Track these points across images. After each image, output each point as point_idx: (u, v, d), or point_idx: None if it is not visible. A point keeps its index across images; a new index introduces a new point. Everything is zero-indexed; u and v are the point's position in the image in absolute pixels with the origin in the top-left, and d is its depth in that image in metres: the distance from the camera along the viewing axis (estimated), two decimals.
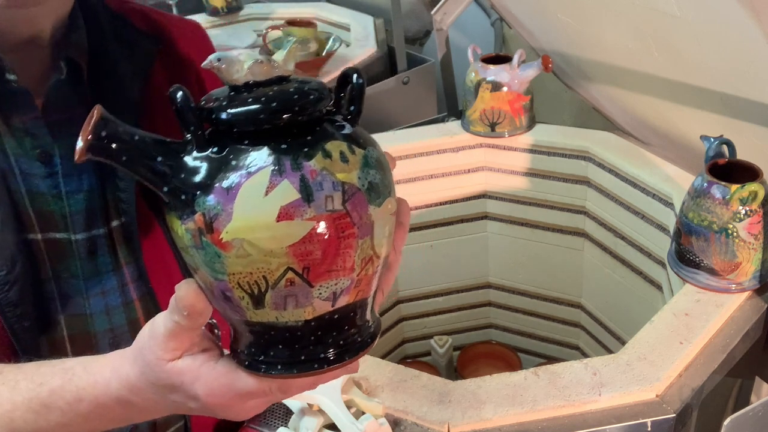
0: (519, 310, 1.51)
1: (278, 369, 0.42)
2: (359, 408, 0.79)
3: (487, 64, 1.29)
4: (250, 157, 0.38)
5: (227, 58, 0.41)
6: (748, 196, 0.87)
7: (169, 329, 0.44)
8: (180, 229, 0.40)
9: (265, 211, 0.37)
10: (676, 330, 0.86)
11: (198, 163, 0.39)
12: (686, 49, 0.95)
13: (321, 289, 0.40)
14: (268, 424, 0.80)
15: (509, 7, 1.42)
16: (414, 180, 1.38)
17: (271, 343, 0.42)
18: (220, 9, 2.13)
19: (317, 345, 0.42)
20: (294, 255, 0.38)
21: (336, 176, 0.39)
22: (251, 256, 0.38)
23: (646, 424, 0.76)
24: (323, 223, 0.38)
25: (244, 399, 0.46)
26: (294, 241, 0.38)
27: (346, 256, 0.39)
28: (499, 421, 0.78)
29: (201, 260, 0.39)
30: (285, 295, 0.39)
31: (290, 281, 0.39)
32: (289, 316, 0.40)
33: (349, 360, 0.43)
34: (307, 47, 1.64)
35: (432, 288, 1.51)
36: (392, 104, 1.68)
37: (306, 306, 0.40)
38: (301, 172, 0.38)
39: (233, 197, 0.37)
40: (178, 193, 0.39)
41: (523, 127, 1.32)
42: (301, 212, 0.37)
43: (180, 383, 0.45)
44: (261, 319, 0.40)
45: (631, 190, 1.18)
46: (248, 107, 0.39)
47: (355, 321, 0.43)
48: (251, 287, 0.39)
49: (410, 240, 1.44)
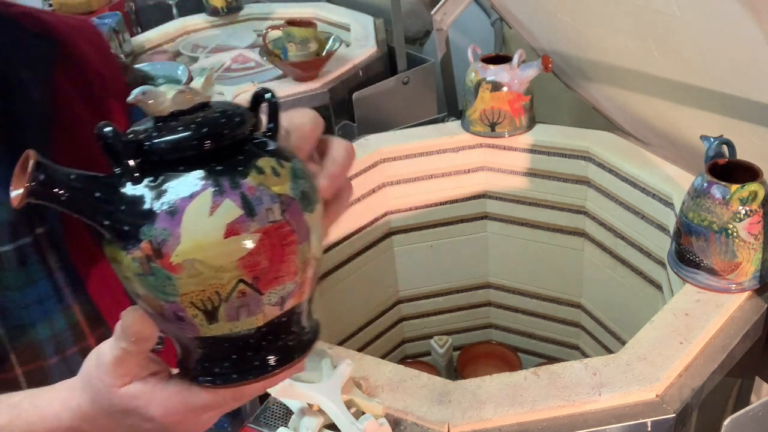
0: (519, 310, 1.51)
1: (233, 378, 0.44)
2: (359, 408, 0.79)
3: (487, 64, 1.29)
4: (187, 181, 0.40)
5: (151, 92, 0.42)
6: (748, 196, 0.87)
7: (116, 356, 0.45)
8: (125, 260, 0.41)
9: (212, 229, 0.39)
10: (676, 330, 0.86)
11: (137, 193, 0.41)
12: (686, 49, 0.95)
13: (270, 296, 0.42)
14: (268, 424, 0.80)
15: (509, 7, 1.42)
16: (414, 180, 1.38)
17: (224, 355, 0.44)
18: (220, 9, 2.13)
19: (269, 349, 0.44)
20: (244, 267, 0.40)
21: (272, 189, 0.41)
22: (203, 274, 0.40)
23: (646, 424, 0.76)
24: (267, 234, 0.40)
25: (199, 413, 0.47)
26: (243, 254, 0.40)
27: (290, 262, 0.42)
28: (499, 421, 0.78)
29: (150, 285, 0.41)
30: (238, 306, 0.41)
31: (242, 292, 0.41)
32: (242, 326, 0.42)
33: (298, 359, 0.45)
34: (307, 47, 1.64)
35: (432, 288, 1.51)
36: (392, 104, 1.68)
37: (258, 313, 0.42)
38: (240, 189, 0.40)
39: (179, 221, 0.39)
40: (120, 225, 0.41)
41: (523, 127, 1.32)
42: (246, 227, 0.40)
43: (134, 407, 0.46)
44: (215, 333, 0.42)
45: (631, 190, 1.18)
46: (180, 135, 0.41)
47: (300, 321, 0.46)
48: (204, 304, 0.40)
49: (410, 240, 1.44)
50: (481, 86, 1.29)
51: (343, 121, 1.65)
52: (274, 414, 0.81)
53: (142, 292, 0.42)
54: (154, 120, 0.43)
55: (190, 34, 2.13)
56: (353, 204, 1.33)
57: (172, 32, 2.09)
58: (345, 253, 1.36)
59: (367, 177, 1.34)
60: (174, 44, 2.07)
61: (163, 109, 0.42)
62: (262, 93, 0.46)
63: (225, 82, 1.76)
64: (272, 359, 0.44)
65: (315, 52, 1.65)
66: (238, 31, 2.13)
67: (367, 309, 1.46)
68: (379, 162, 1.35)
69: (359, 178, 1.32)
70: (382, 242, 1.42)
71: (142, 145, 0.41)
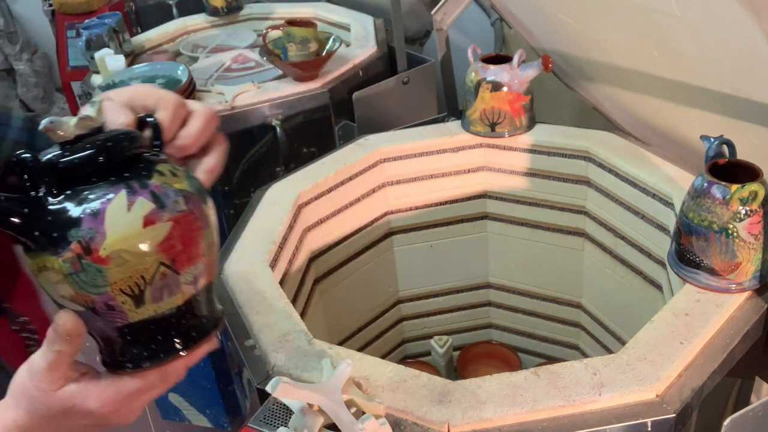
0: (519, 310, 1.51)
1: (160, 358, 0.50)
2: (359, 408, 0.79)
3: (487, 64, 1.29)
4: (103, 188, 0.48)
5: (58, 121, 0.49)
6: (748, 196, 0.87)
7: (50, 361, 0.49)
8: (56, 263, 0.47)
9: (132, 223, 0.47)
10: (676, 330, 0.86)
11: (60, 205, 0.47)
12: (686, 49, 0.95)
13: (186, 275, 0.49)
14: (268, 424, 0.80)
15: (509, 7, 1.42)
16: (414, 180, 1.38)
17: (150, 337, 0.50)
18: (220, 9, 2.13)
19: (188, 327, 0.51)
20: (162, 251, 0.48)
21: (174, 186, 0.50)
22: (129, 262, 0.46)
23: (646, 424, 0.76)
24: (177, 222, 0.48)
25: (132, 400, 0.51)
26: (160, 240, 0.47)
27: (199, 245, 0.50)
28: (499, 421, 0.78)
29: (82, 282, 0.47)
30: (161, 287, 0.48)
31: (163, 274, 0.48)
32: (165, 306, 0.49)
33: (214, 332, 0.53)
34: (307, 47, 1.64)
35: (432, 288, 1.51)
36: (392, 104, 1.68)
37: (177, 293, 0.49)
38: (149, 188, 0.48)
39: (102, 220, 0.46)
40: (50, 233, 0.47)
41: (523, 127, 1.32)
42: (159, 216, 0.48)
43: (72, 406, 0.50)
44: (142, 316, 0.49)
45: (631, 190, 1.19)
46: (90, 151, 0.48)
47: (211, 301, 0.54)
48: (132, 289, 0.47)
49: (410, 240, 1.44)
50: (481, 86, 1.29)
51: (343, 121, 1.65)
52: (274, 414, 0.81)
53: (72, 292, 0.48)
54: (60, 146, 0.50)
55: (190, 34, 2.13)
56: (353, 204, 1.33)
57: (172, 32, 2.09)
58: (345, 253, 1.36)
59: (367, 177, 1.34)
60: (174, 44, 2.08)
61: (69, 134, 0.49)
62: (145, 118, 0.55)
63: (225, 82, 1.76)
64: (194, 335, 0.51)
65: (315, 52, 1.65)
66: (238, 31, 2.13)
67: (367, 309, 1.46)
68: (379, 162, 1.35)
69: (359, 178, 1.32)
70: (382, 242, 1.43)
71: (58, 164, 0.48)
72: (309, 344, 0.90)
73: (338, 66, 1.68)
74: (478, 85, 1.29)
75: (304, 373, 0.85)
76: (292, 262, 1.19)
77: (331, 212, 1.30)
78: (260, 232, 1.14)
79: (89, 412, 0.50)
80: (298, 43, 1.63)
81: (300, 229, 1.23)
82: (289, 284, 1.16)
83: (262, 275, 1.04)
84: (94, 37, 1.77)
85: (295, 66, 1.61)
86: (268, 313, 0.96)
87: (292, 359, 0.88)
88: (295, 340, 0.91)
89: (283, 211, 1.18)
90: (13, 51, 3.56)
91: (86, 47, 1.78)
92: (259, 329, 0.93)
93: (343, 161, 1.31)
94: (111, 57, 1.67)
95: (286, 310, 0.96)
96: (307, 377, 0.85)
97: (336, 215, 1.31)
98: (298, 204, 1.22)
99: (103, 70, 1.67)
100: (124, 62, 1.67)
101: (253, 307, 0.97)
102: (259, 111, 1.59)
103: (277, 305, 0.97)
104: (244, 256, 1.08)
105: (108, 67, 1.66)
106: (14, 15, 3.53)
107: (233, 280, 1.03)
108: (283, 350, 0.89)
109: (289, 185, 1.25)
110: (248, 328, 0.94)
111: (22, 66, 3.56)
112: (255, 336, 0.93)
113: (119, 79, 1.61)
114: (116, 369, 0.51)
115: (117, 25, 1.80)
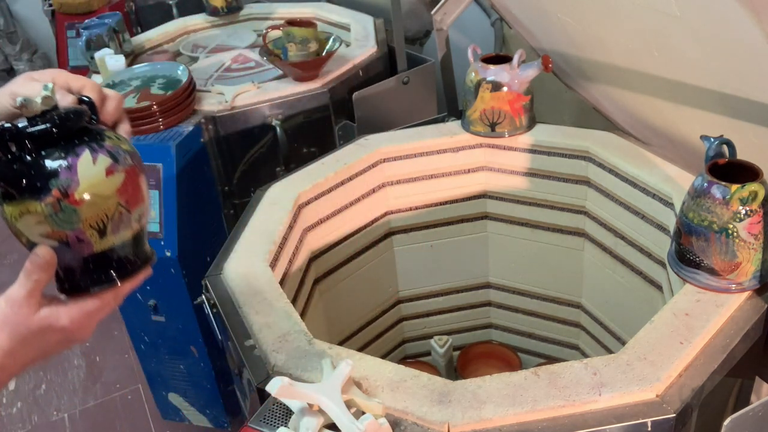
0: (519, 310, 1.51)
1: (116, 280, 0.65)
2: (359, 408, 0.79)
3: (487, 64, 1.29)
4: (71, 149, 0.62)
5: (28, 100, 0.62)
6: (748, 196, 0.87)
7: (29, 290, 0.61)
8: (39, 207, 0.60)
9: (97, 173, 0.62)
10: (676, 330, 0.86)
11: (40, 162, 0.61)
12: (686, 49, 0.95)
13: (135, 214, 0.65)
14: (268, 424, 0.80)
15: (509, 7, 1.42)
16: (414, 180, 1.38)
17: (108, 264, 0.65)
18: (220, 9, 2.13)
19: (135, 254, 0.66)
20: (120, 195, 0.63)
21: (122, 147, 0.65)
22: (96, 203, 0.61)
23: (646, 424, 0.76)
24: (128, 173, 0.64)
25: (93, 316, 0.64)
26: (118, 186, 0.63)
27: (142, 191, 0.66)
28: (499, 421, 0.78)
29: (60, 221, 0.61)
30: (118, 222, 0.63)
31: (120, 212, 0.63)
32: (121, 238, 0.64)
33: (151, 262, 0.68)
34: (307, 47, 1.64)
35: (432, 288, 1.51)
36: (392, 104, 1.68)
37: (129, 228, 0.65)
38: (105, 148, 0.63)
39: (75, 171, 0.61)
40: (33, 184, 0.60)
41: (523, 127, 1.32)
42: (116, 169, 0.63)
43: (48, 324, 0.62)
44: (104, 246, 0.63)
45: (631, 190, 1.19)
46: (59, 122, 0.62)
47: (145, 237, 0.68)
48: (98, 224, 0.62)
49: (410, 240, 1.44)
50: (481, 86, 1.29)
51: (343, 121, 1.65)
52: (274, 414, 0.81)
53: (50, 230, 0.61)
54: (29, 120, 0.62)
55: (190, 34, 2.13)
56: (353, 204, 1.33)
57: (172, 32, 2.09)
58: (345, 253, 1.36)
59: (367, 177, 1.34)
60: (174, 44, 2.08)
61: (38, 110, 0.62)
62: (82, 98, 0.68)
63: (225, 82, 1.76)
64: (137, 263, 0.67)
65: (315, 52, 1.65)
66: (238, 31, 2.13)
67: (367, 309, 1.46)
68: (379, 162, 1.35)
69: (359, 178, 1.33)
70: (382, 242, 1.43)
71: (36, 132, 0.61)
72: (309, 344, 0.90)
73: (338, 66, 1.68)
74: (478, 85, 1.29)
75: (304, 373, 0.85)
76: (292, 262, 1.19)
77: (331, 212, 1.30)
78: (260, 232, 1.14)
79: (62, 328, 0.62)
80: (298, 43, 1.63)
81: (300, 229, 1.23)
82: (289, 284, 1.16)
83: (262, 275, 1.04)
84: (94, 37, 1.77)
85: (295, 66, 1.61)
86: (268, 313, 0.96)
87: (292, 359, 0.88)
88: (295, 340, 0.91)
89: (283, 211, 1.18)
90: (13, 51, 3.56)
91: (86, 47, 1.78)
92: (259, 329, 0.93)
93: (343, 161, 1.31)
94: (111, 57, 1.67)
95: (286, 310, 0.96)
96: (307, 377, 0.85)
97: (336, 215, 1.31)
98: (298, 204, 1.22)
99: (103, 70, 1.67)
100: (124, 62, 1.67)
101: (253, 307, 0.97)
102: (259, 111, 1.59)
103: (277, 305, 0.97)
104: (244, 256, 1.08)
105: (108, 67, 1.66)
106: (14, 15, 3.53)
107: (233, 280, 1.03)
108: (283, 350, 0.89)
109: (289, 185, 1.25)
110: (248, 328, 0.94)
111: (22, 66, 3.56)
112: (255, 336, 0.93)
113: (119, 79, 1.61)
114: (78, 293, 0.65)
115: (117, 25, 1.81)
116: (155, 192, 1.45)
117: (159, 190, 1.45)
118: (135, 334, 1.62)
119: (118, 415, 1.99)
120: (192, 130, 1.51)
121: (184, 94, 1.53)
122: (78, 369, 2.18)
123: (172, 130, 1.51)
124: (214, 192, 1.64)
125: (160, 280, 1.48)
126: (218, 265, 1.07)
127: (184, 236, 1.47)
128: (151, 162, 1.45)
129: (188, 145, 1.50)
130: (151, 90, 1.54)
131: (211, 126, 1.57)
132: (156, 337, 1.59)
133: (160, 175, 1.45)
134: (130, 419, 1.97)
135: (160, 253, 1.45)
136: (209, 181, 1.61)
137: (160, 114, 1.49)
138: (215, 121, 1.57)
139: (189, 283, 1.48)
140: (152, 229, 1.45)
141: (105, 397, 2.06)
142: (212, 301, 1.03)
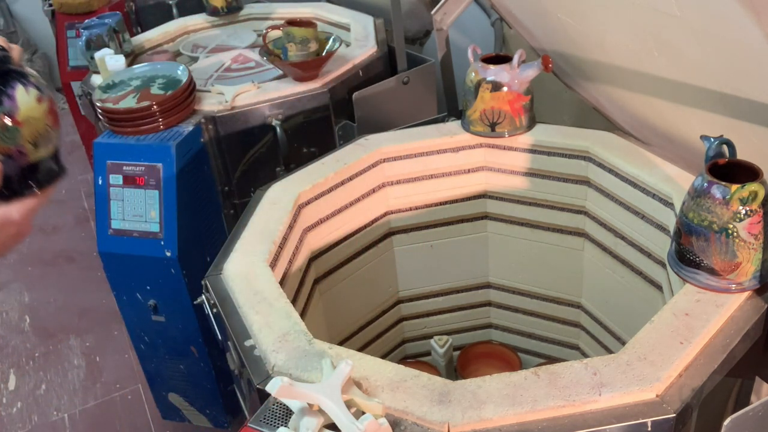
0: (519, 310, 1.51)
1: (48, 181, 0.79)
2: (359, 408, 0.79)
3: (487, 64, 1.29)
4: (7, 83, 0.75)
5: None
6: (748, 196, 0.87)
7: None
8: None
9: (31, 100, 0.76)
10: (676, 330, 0.86)
11: None
12: (686, 49, 0.96)
13: (55, 132, 0.79)
14: (268, 424, 0.80)
15: (509, 7, 1.42)
16: (414, 180, 1.38)
17: (40, 170, 0.79)
18: (220, 9, 2.13)
19: (56, 165, 0.81)
20: (47, 116, 0.77)
21: (41, 82, 0.78)
22: (32, 124, 0.76)
23: (646, 424, 0.76)
24: (50, 101, 0.78)
25: (32, 214, 0.77)
26: (46, 110, 0.77)
27: (58, 116, 0.80)
28: (499, 421, 0.78)
29: (6, 138, 0.74)
30: (46, 138, 0.78)
31: (47, 130, 0.77)
32: (48, 150, 0.78)
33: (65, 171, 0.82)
34: (307, 47, 1.64)
35: (432, 288, 1.51)
36: (392, 104, 1.68)
37: (52, 142, 0.79)
38: (31, 83, 0.76)
39: (14, 99, 0.75)
40: None
41: (523, 127, 1.32)
42: (43, 97, 0.77)
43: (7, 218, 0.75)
44: (37, 156, 0.77)
45: (631, 190, 1.19)
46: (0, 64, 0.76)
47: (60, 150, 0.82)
48: (34, 139, 0.76)
49: (410, 240, 1.44)
50: (481, 86, 1.29)
51: (343, 121, 1.65)
52: (274, 414, 0.81)
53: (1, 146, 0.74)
54: None
55: (190, 34, 2.13)
56: (353, 204, 1.33)
57: (172, 32, 2.09)
58: (345, 253, 1.36)
59: (367, 177, 1.34)
60: (174, 44, 2.08)
61: None
62: None
63: (225, 82, 1.76)
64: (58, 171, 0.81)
65: (315, 52, 1.65)
66: (238, 31, 2.13)
67: (367, 309, 1.46)
68: (379, 162, 1.35)
69: (359, 178, 1.33)
70: (382, 242, 1.43)
71: None
72: (309, 344, 0.90)
73: (338, 66, 1.68)
74: (478, 85, 1.29)
75: (304, 373, 0.85)
76: (292, 262, 1.19)
77: (331, 212, 1.30)
78: (260, 232, 1.14)
79: (15, 222, 0.76)
80: (298, 43, 1.63)
81: (300, 229, 1.23)
82: (289, 284, 1.16)
83: (262, 275, 1.04)
84: (94, 37, 1.77)
85: (295, 66, 1.61)
86: (268, 313, 0.96)
87: (292, 359, 0.88)
88: (294, 340, 0.91)
89: (283, 211, 1.18)
90: None
91: (86, 47, 1.78)
92: (259, 329, 0.93)
93: (343, 161, 1.31)
94: (111, 57, 1.67)
95: (285, 310, 0.96)
96: (307, 377, 0.85)
97: (336, 215, 1.31)
98: (298, 204, 1.22)
99: (103, 70, 1.67)
100: (124, 62, 1.67)
101: (253, 307, 0.97)
102: (259, 111, 1.59)
103: (277, 305, 0.97)
104: (244, 256, 1.08)
105: (108, 67, 1.66)
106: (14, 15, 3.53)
107: (233, 280, 1.03)
108: (283, 350, 0.89)
109: (289, 185, 1.25)
110: (248, 328, 0.94)
111: None
112: (255, 336, 0.93)
113: (119, 79, 1.61)
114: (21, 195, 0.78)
115: (117, 25, 1.81)
116: (155, 192, 1.45)
117: (159, 190, 1.45)
118: (135, 334, 1.62)
119: (118, 415, 1.99)
120: (192, 130, 1.51)
121: (184, 94, 1.53)
122: (78, 369, 2.18)
123: (172, 130, 1.51)
124: (214, 192, 1.64)
125: (160, 280, 1.48)
126: (218, 265, 1.07)
127: (184, 236, 1.47)
128: (151, 162, 1.45)
129: (188, 145, 1.50)
130: (151, 90, 1.54)
131: (211, 126, 1.57)
132: (156, 337, 1.60)
133: (160, 175, 1.45)
134: (130, 419, 1.97)
135: (161, 253, 1.45)
136: (209, 181, 1.61)
137: (160, 114, 1.49)
138: (215, 121, 1.57)
139: (189, 284, 1.48)
140: (152, 229, 1.46)
141: (105, 397, 2.06)
142: (212, 301, 1.03)
